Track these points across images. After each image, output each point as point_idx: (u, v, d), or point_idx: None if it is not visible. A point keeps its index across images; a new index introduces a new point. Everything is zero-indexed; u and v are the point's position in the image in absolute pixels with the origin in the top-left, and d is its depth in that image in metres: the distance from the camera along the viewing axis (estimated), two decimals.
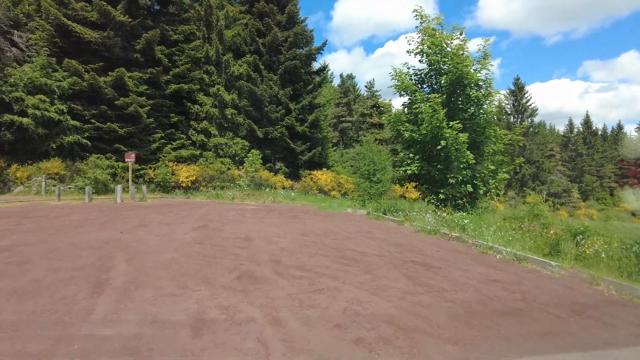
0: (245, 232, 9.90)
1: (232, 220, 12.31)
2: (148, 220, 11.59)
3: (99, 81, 26.11)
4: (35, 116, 23.35)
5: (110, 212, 13.68)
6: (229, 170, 31.57)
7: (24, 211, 13.82)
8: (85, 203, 18.05)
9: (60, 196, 18.91)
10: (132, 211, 14.55)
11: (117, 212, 13.96)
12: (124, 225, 10.38)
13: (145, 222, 11.14)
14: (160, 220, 11.81)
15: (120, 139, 27.61)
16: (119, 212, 13.59)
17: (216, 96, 32.49)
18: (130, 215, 12.90)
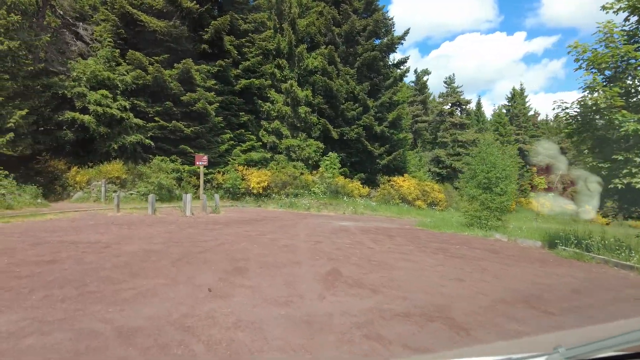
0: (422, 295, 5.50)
1: (364, 258, 8.00)
2: (241, 255, 7.52)
3: (164, 74, 23.21)
4: (97, 113, 20.70)
5: (182, 235, 9.96)
6: (301, 175, 27.75)
7: (72, 229, 10.48)
8: (148, 216, 14.69)
9: (120, 205, 15.72)
10: (209, 232, 10.76)
11: (190, 234, 10.20)
12: (207, 269, 6.39)
13: (238, 260, 7.07)
14: (259, 254, 7.74)
15: (186, 139, 24.58)
16: (193, 237, 9.75)
17: (288, 93, 28.83)
18: (211, 242, 9.02)
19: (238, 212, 18.30)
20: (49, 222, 12.29)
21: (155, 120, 23.67)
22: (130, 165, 22.19)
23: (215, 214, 16.26)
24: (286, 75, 30.01)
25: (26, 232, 9.89)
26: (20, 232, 9.87)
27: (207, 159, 16.02)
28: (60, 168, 19.63)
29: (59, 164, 19.75)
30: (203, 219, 14.29)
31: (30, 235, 9.32)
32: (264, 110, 28.63)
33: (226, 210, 18.06)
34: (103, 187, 19.12)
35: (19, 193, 16.00)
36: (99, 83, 21.84)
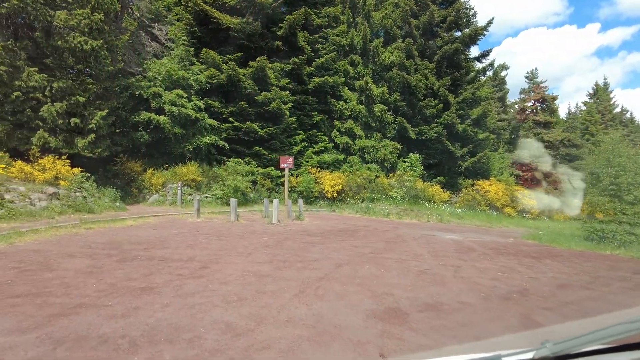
0: None
1: (553, 297, 5.82)
2: (379, 287, 5.62)
3: (239, 73, 22.21)
4: (172, 114, 20.03)
5: (284, 251, 8.35)
6: (377, 178, 25.73)
7: (157, 241, 9.37)
8: (232, 222, 13.37)
9: (200, 210, 14.60)
10: (312, 247, 9.07)
11: (292, 250, 8.54)
12: (349, 310, 4.59)
13: (380, 296, 5.14)
14: (401, 286, 5.82)
15: (259, 140, 23.47)
16: (298, 253, 8.10)
17: (363, 90, 26.98)
18: (325, 263, 7.20)
19: (320, 219, 16.64)
20: (130, 229, 11.25)
21: (229, 121, 22.76)
22: (205, 168, 21.36)
23: (300, 221, 14.69)
24: (360, 71, 28.19)
25: (110, 243, 8.75)
26: (104, 243, 8.74)
27: (293, 161, 14.43)
28: (136, 170, 19.09)
29: (135, 165, 19.22)
30: (292, 228, 12.71)
31: (115, 248, 8.11)
32: (337, 109, 26.96)
33: (308, 217, 16.44)
34: (179, 190, 18.28)
35: (98, 196, 15.40)
36: (174, 83, 21.23)
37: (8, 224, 10.68)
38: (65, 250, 7.81)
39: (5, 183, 12.75)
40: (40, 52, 15.81)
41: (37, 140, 14.52)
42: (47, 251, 7.64)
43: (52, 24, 15.31)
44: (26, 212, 11.74)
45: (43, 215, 12.00)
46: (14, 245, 8.30)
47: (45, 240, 8.93)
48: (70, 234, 9.91)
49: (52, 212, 12.51)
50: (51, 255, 7.26)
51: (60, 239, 9.17)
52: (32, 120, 14.73)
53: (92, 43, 15.46)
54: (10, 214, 11.28)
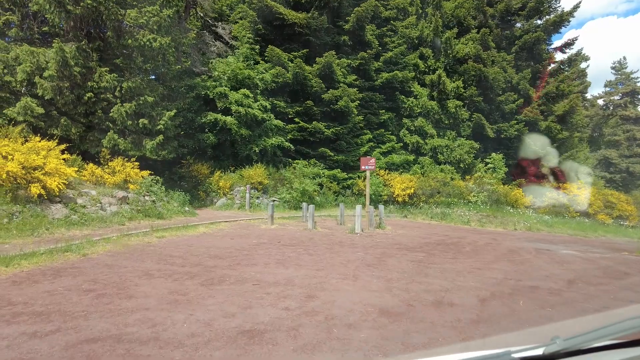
0: None
1: None
2: None
3: (305, 70, 21.04)
4: (239, 114, 19.20)
5: (386, 268, 6.89)
6: (452, 180, 23.54)
7: (239, 253, 8.26)
8: (310, 230, 12.05)
9: (273, 217, 13.43)
10: (427, 267, 7.42)
11: (397, 268, 6.99)
12: None
13: None
14: None
15: (325, 141, 22.18)
16: (409, 275, 6.52)
17: (434, 85, 24.92)
18: (458, 293, 5.62)
19: (401, 227, 14.94)
20: (205, 238, 10.21)
21: (295, 121, 21.64)
22: (271, 170, 20.36)
23: (382, 230, 13.10)
24: (430, 65, 26.14)
25: (188, 256, 7.65)
26: (182, 256, 7.65)
27: (375, 162, 12.87)
28: (203, 173, 18.40)
29: (202, 168, 18.55)
30: (380, 239, 11.15)
31: (195, 264, 6.97)
32: (407, 106, 25.08)
33: (387, 224, 14.80)
34: (248, 193, 17.34)
35: (167, 200, 14.70)
36: (239, 82, 20.46)
37: (81, 230, 9.99)
38: (140, 266, 6.75)
39: (78, 187, 12.26)
40: (110, 53, 15.45)
41: (107, 142, 14.04)
42: (122, 267, 6.61)
43: (123, 23, 14.85)
44: (97, 218, 11.07)
45: (113, 222, 11.29)
46: (87, 257, 7.41)
47: (118, 251, 8.00)
48: (142, 243, 8.98)
49: (122, 217, 11.80)
50: (126, 273, 6.20)
51: (133, 250, 8.22)
52: (103, 122, 14.29)
53: (160, 40, 14.82)
54: (82, 219, 10.63)
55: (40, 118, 13.35)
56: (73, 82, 13.59)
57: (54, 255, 7.31)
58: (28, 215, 9.66)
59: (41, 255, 7.20)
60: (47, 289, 5.29)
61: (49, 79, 12.92)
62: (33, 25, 15.28)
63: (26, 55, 12.95)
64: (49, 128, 13.67)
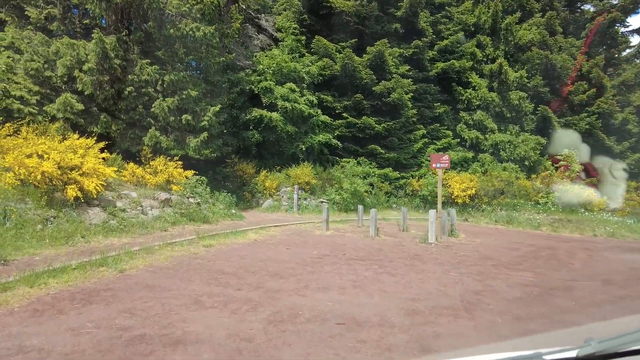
0: None
1: None
2: None
3: (354, 61, 19.45)
4: (285, 110, 17.89)
5: (500, 297, 5.29)
6: (517, 180, 21.25)
7: (303, 269, 6.99)
8: (372, 238, 10.47)
9: (328, 220, 11.94)
10: (552, 296, 5.68)
11: (512, 297, 5.29)
12: None
13: None
14: None
15: (375, 137, 20.52)
16: (539, 311, 4.83)
17: (494, 75, 22.68)
18: None
19: (473, 234, 13.06)
20: (257, 247, 8.86)
21: (343, 116, 20.10)
22: (318, 169, 18.93)
23: (455, 239, 11.32)
24: (489, 54, 23.85)
25: (241, 272, 6.30)
26: (235, 273, 6.30)
27: (449, 159, 11.09)
28: (248, 172, 17.22)
29: (247, 167, 17.37)
30: (461, 250, 9.42)
31: (254, 286, 5.58)
32: (464, 98, 22.96)
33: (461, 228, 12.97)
34: (296, 194, 15.99)
35: (212, 202, 13.54)
36: (284, 76, 19.15)
37: (119, 238, 8.89)
38: (187, 288, 5.43)
39: (117, 188, 11.26)
40: (152, 45, 14.48)
41: (149, 139, 13.03)
42: (165, 290, 5.31)
43: (165, 12, 13.82)
44: (138, 223, 9.97)
45: (155, 227, 10.17)
46: (124, 274, 6.20)
47: (160, 266, 6.76)
48: (188, 254, 7.72)
49: (165, 222, 10.68)
50: (170, 299, 4.88)
51: (178, 263, 6.96)
52: (144, 118, 13.31)
53: (204, 29, 13.69)
54: (121, 225, 9.55)
55: (79, 115, 12.50)
56: (113, 76, 12.67)
57: (87, 271, 6.15)
58: (63, 221, 8.64)
59: (73, 272, 6.05)
60: (72, 326, 4.03)
61: (88, 72, 12.04)
62: (74, 18, 14.56)
63: (66, 48, 12.12)
64: (89, 125, 12.81)
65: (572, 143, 22.56)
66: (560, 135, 22.99)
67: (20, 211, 8.11)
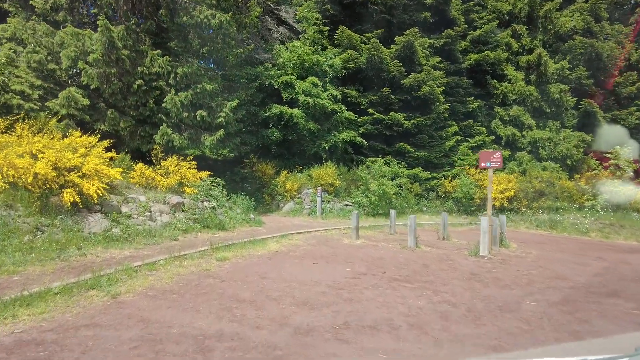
0: None
1: None
2: None
3: (382, 52, 17.98)
4: (307, 106, 16.59)
5: None
6: (559, 181, 19.43)
7: (339, 297, 5.76)
8: (413, 251, 9.05)
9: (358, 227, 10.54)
10: None
11: None
12: None
13: None
14: None
15: (403, 135, 19.02)
16: None
17: (532, 67, 20.90)
18: None
19: (522, 242, 11.47)
20: (279, 260, 7.57)
21: (368, 112, 18.66)
22: (342, 169, 17.56)
23: (507, 250, 9.77)
24: (525, 44, 22.04)
25: (261, 300, 5.01)
26: (252, 301, 5.01)
27: (501, 157, 9.54)
28: (268, 173, 15.97)
29: (267, 168, 16.12)
30: (521, 266, 7.91)
31: (275, 322, 4.28)
32: (499, 92, 21.24)
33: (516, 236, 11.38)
34: (319, 197, 14.65)
35: (229, 206, 12.32)
36: (306, 70, 17.86)
37: (121, 249, 7.71)
38: (193, 325, 4.14)
39: (124, 191, 10.14)
40: (164, 36, 13.38)
41: (160, 137, 11.90)
42: (164, 326, 4.05)
43: None
44: (144, 231, 8.80)
45: (164, 235, 8.97)
46: (117, 300, 4.99)
47: (163, 288, 5.52)
48: (198, 272, 6.47)
49: (176, 230, 9.49)
50: (168, 344, 3.59)
51: (185, 285, 5.71)
52: (155, 114, 12.19)
53: (220, 17, 12.47)
54: (125, 233, 8.39)
55: (85, 111, 11.46)
56: (121, 68, 11.57)
57: (71, 297, 4.97)
58: (58, 230, 7.51)
59: (53, 298, 4.88)
60: None
61: (94, 64, 10.96)
62: (82, 8, 13.56)
63: (70, 38, 11.08)
64: (96, 122, 11.77)
65: (619, 140, 20.58)
66: (606, 131, 21.02)
67: (5, 219, 7.01)
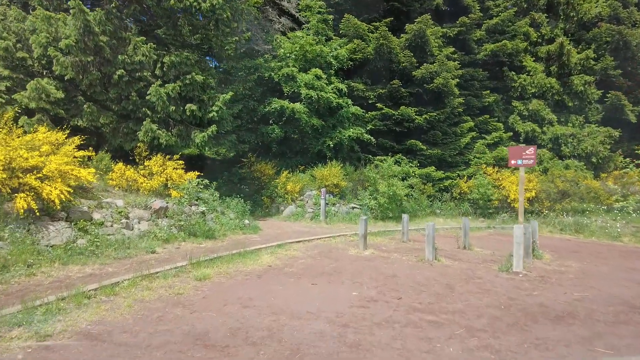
0: None
1: None
2: None
3: (391, 42, 16.58)
4: (310, 100, 15.27)
5: None
6: (584, 180, 17.88)
7: (340, 338, 4.21)
8: (432, 265, 7.66)
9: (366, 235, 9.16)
10: None
11: None
12: None
13: None
14: None
15: (414, 131, 17.61)
16: None
17: (552, 58, 19.38)
18: None
19: (557, 252, 10.00)
20: (270, 279, 6.23)
21: (377, 107, 17.26)
22: (349, 169, 16.19)
23: (542, 262, 8.33)
24: (544, 34, 20.51)
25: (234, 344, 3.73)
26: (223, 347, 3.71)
27: (535, 154, 8.08)
28: (267, 173, 14.66)
29: (266, 167, 14.82)
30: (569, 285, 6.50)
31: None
32: (517, 85, 19.72)
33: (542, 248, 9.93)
34: (323, 199, 13.31)
35: (221, 210, 11.02)
36: (309, 62, 16.52)
37: (83, 265, 6.44)
38: None
39: (100, 195, 8.88)
40: (151, 23, 12.14)
41: (144, 134, 10.64)
42: None
43: None
44: (117, 242, 7.51)
45: (140, 247, 7.68)
46: (43, 345, 3.72)
47: (114, 322, 4.23)
48: (167, 297, 5.16)
49: (155, 239, 8.20)
50: None
51: (144, 317, 4.41)
52: (139, 108, 10.91)
53: (211, 0, 11.17)
54: (92, 245, 7.12)
55: (60, 105, 10.22)
56: (100, 57, 10.31)
57: None
58: (6, 243, 6.24)
59: None
60: None
61: (67, 51, 9.70)
62: None
63: (41, 22, 9.84)
64: (73, 118, 10.54)
65: None
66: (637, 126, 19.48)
67: None
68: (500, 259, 8.05)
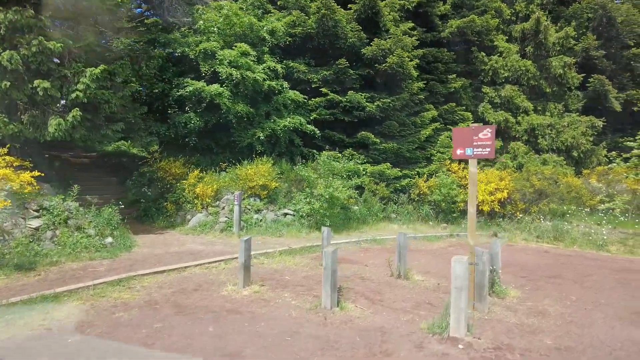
0: None
1: None
2: None
3: (337, 13, 13.68)
4: (232, 81, 12.28)
5: None
6: (565, 178, 15.43)
7: None
8: (326, 319, 4.89)
9: (249, 263, 6.25)
10: None
11: None
12: None
13: None
14: None
15: (366, 121, 14.81)
16: None
17: (528, 37, 16.81)
18: None
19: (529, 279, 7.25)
20: None
21: (321, 92, 14.36)
22: (285, 166, 13.28)
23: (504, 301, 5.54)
24: (519, 10, 17.95)
25: None
26: None
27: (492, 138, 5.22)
28: (174, 173, 11.61)
29: (173, 166, 11.82)
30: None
31: None
32: (487, 68, 17.09)
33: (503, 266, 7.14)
34: (237, 205, 10.35)
35: (77, 224, 7.95)
36: (238, 37, 13.53)
37: None
38: None
39: None
40: None
41: None
42: None
43: None
44: None
45: None
46: None
47: None
48: None
49: None
50: None
51: None
52: None
53: None
54: None
55: None
56: None
57: None
58: None
59: None
60: None
61: None
62: None
63: None
64: None
65: None
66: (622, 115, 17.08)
67: None
68: (444, 298, 5.24)
